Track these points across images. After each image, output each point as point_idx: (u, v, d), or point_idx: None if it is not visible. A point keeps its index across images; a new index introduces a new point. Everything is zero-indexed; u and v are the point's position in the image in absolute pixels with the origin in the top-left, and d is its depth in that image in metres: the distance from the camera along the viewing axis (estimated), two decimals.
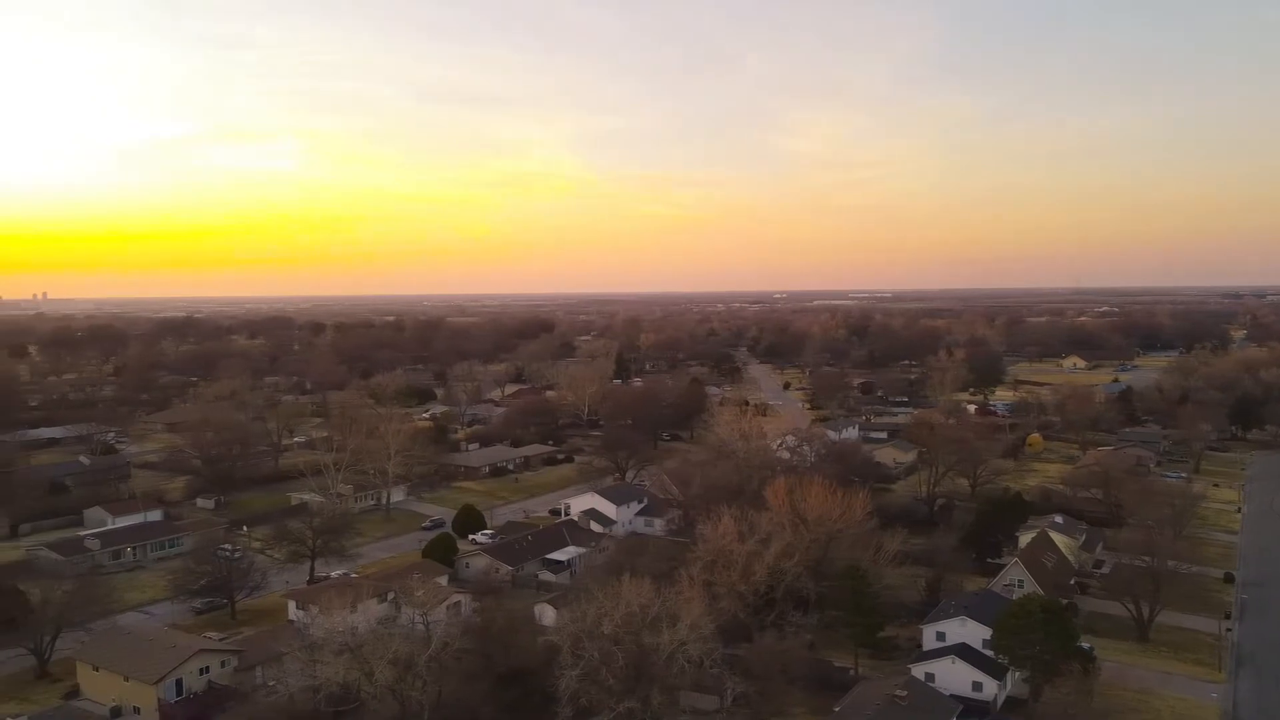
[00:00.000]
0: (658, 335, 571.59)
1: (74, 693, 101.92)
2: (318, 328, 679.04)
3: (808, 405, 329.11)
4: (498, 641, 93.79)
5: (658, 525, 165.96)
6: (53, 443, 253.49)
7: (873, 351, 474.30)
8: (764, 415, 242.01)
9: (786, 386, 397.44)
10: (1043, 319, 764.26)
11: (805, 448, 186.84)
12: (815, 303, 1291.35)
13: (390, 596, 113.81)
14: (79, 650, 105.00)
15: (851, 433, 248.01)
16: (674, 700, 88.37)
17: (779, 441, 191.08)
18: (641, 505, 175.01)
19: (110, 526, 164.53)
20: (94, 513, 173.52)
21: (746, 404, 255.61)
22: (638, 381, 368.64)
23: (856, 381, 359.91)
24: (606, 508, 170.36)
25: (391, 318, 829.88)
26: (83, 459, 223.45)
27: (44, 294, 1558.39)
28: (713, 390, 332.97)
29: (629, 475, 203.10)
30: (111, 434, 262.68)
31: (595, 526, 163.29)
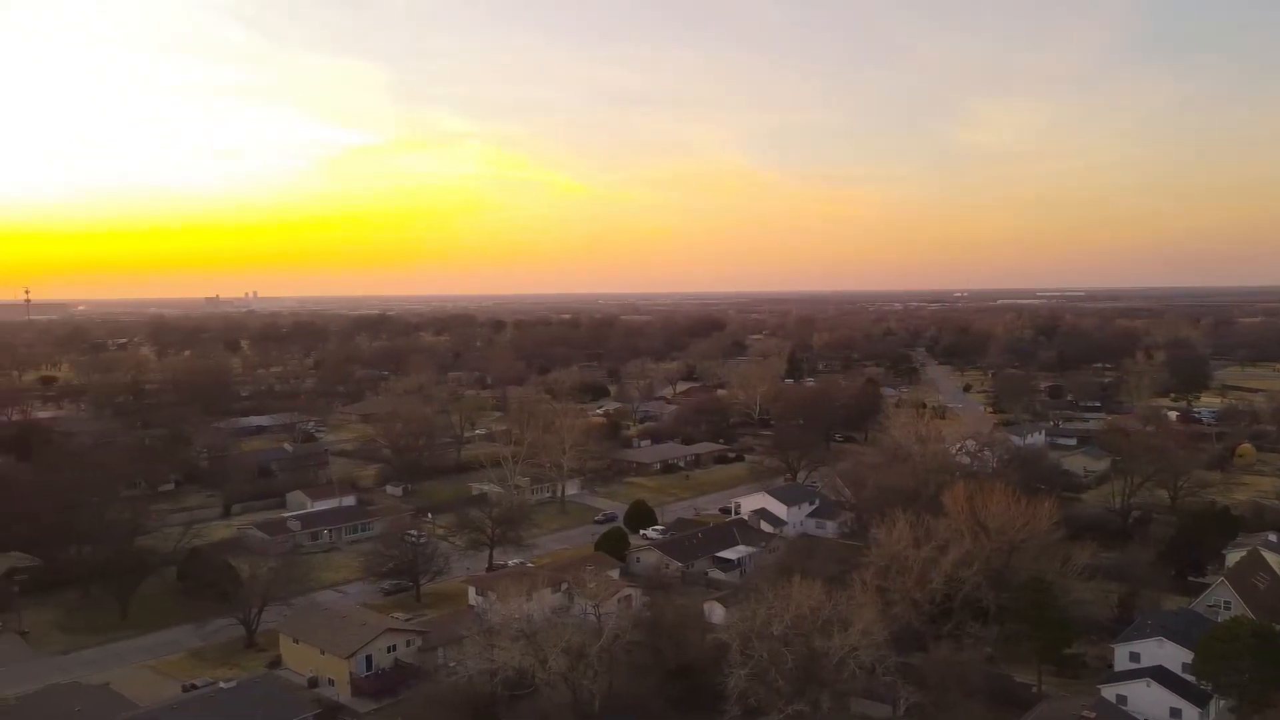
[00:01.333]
0: (831, 334, 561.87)
1: (277, 662, 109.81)
2: (498, 325, 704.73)
3: (990, 409, 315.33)
4: (668, 637, 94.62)
5: (829, 527, 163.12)
6: (261, 430, 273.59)
7: (1062, 353, 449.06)
8: (942, 418, 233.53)
9: (967, 389, 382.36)
10: (1257, 319, 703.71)
11: (987, 452, 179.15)
12: (999, 302, 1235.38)
13: (564, 587, 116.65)
14: (281, 623, 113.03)
15: (1037, 438, 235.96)
16: (844, 706, 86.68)
17: (958, 445, 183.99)
18: (813, 506, 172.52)
19: (310, 510, 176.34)
20: (295, 496, 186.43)
21: (924, 406, 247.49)
22: (810, 381, 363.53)
23: (1043, 384, 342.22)
24: (777, 508, 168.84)
25: (567, 316, 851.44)
26: (287, 446, 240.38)
27: (254, 293, 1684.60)
28: (888, 391, 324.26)
29: (800, 476, 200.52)
30: (312, 423, 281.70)
31: (765, 526, 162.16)
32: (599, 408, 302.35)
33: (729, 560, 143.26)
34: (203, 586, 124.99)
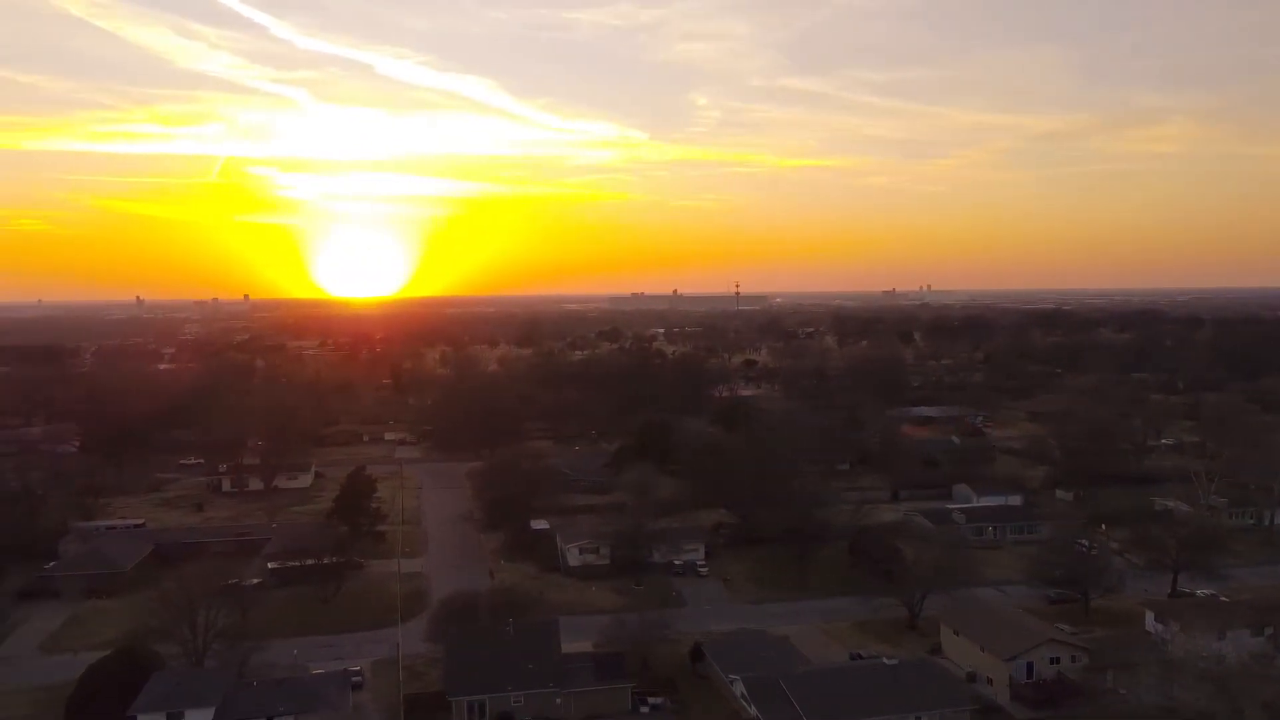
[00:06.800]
0: None
1: (936, 649, 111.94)
2: (1193, 322, 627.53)
3: None
4: None
5: None
6: (928, 421, 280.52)
7: None
8: None
9: None
10: None
11: None
12: None
13: (1268, 631, 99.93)
14: (942, 613, 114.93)
15: None
16: None
17: None
18: None
19: (974, 504, 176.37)
20: (960, 489, 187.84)
21: None
22: None
23: None
24: None
25: None
26: (954, 438, 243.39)
27: (928, 286, 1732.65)
28: None
29: None
30: (979, 417, 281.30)
31: None
32: None
33: None
34: (870, 564, 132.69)
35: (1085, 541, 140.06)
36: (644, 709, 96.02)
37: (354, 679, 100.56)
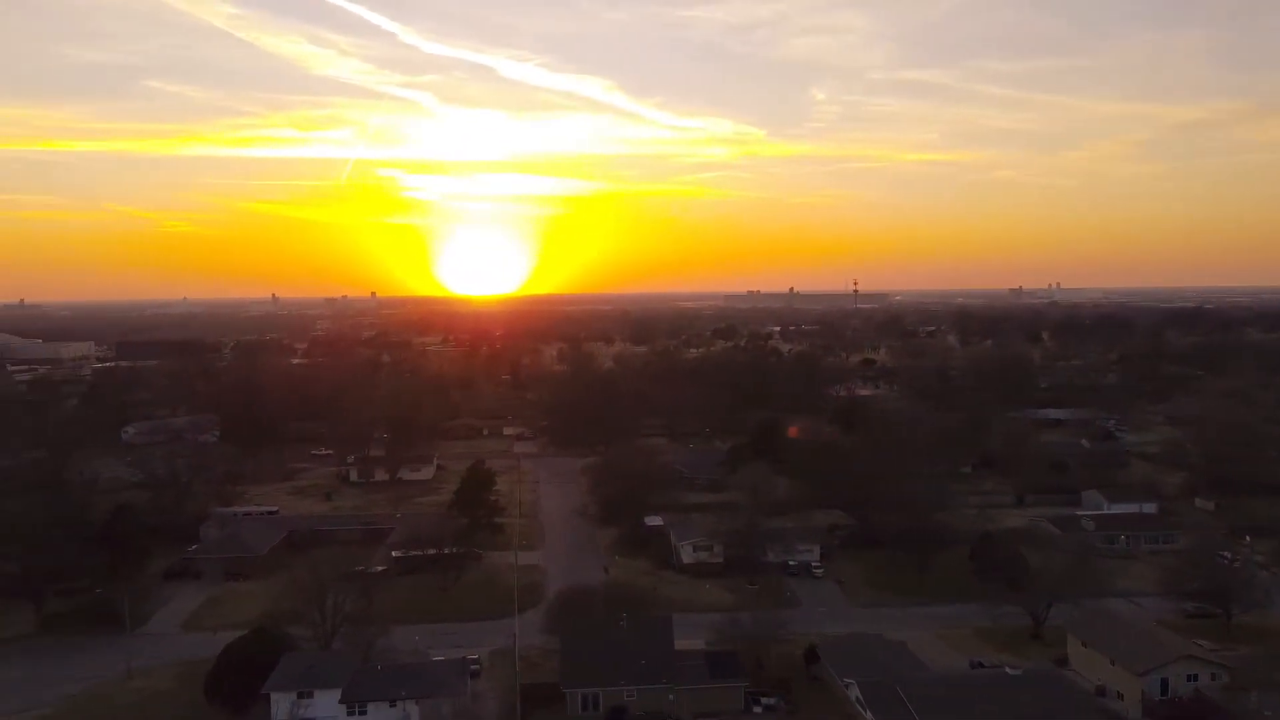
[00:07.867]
0: None
1: (1062, 660, 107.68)
2: None
3: None
4: None
5: None
6: (1057, 424, 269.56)
7: None
8: None
9: None
10: None
11: None
12: None
13: None
14: (1069, 623, 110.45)
15: None
16: None
17: None
18: None
19: (1105, 511, 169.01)
20: (1090, 495, 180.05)
21: None
22: None
23: None
24: None
25: None
26: (1084, 442, 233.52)
27: (1057, 284, 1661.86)
28: None
29: None
30: (1111, 421, 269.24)
31: None
32: None
33: None
34: (993, 570, 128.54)
35: (1227, 553, 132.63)
36: (757, 709, 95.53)
37: (472, 667, 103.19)
